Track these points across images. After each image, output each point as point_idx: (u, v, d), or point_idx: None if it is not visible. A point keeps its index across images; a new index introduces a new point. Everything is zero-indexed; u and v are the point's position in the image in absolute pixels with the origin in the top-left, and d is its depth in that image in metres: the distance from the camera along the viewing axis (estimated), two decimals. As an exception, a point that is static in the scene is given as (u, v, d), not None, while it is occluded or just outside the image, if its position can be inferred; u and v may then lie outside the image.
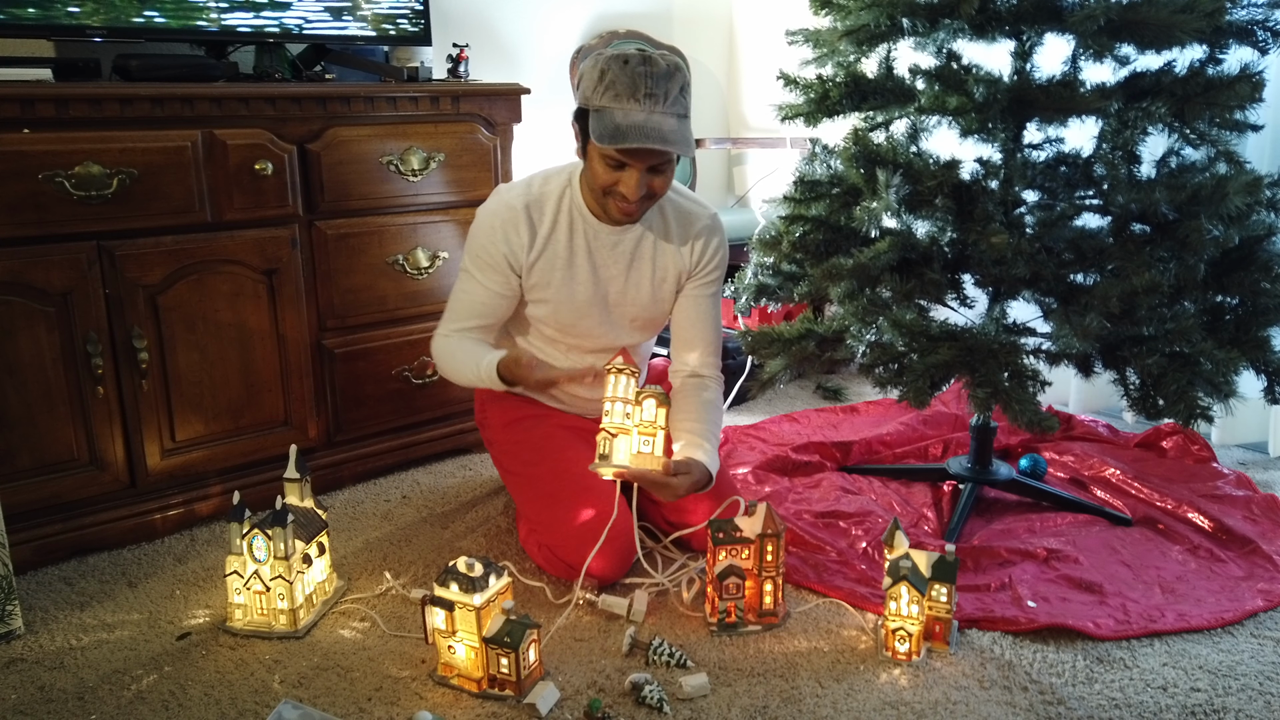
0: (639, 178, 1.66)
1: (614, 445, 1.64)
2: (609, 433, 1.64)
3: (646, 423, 1.66)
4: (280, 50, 2.26)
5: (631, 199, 1.68)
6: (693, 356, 1.92)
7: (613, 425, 1.65)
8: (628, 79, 1.60)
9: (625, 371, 1.66)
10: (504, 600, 1.52)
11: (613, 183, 1.69)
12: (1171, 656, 1.60)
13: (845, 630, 1.69)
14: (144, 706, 1.50)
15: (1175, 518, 2.07)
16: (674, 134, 1.62)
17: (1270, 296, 1.81)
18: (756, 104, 3.68)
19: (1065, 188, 1.90)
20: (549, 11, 3.21)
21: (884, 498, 2.19)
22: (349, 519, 2.16)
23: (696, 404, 1.86)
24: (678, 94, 1.64)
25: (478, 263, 1.83)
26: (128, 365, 1.95)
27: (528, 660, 1.50)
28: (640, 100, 1.60)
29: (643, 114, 1.60)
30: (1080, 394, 2.83)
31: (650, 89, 1.60)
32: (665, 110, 1.62)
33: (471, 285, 1.85)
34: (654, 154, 1.65)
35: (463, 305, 1.87)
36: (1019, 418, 1.72)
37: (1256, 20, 1.79)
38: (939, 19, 1.83)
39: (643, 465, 1.65)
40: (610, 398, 1.66)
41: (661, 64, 1.62)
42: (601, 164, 1.68)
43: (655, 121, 1.60)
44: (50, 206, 1.81)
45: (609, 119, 1.61)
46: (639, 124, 1.60)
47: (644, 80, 1.60)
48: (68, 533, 1.95)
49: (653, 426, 1.66)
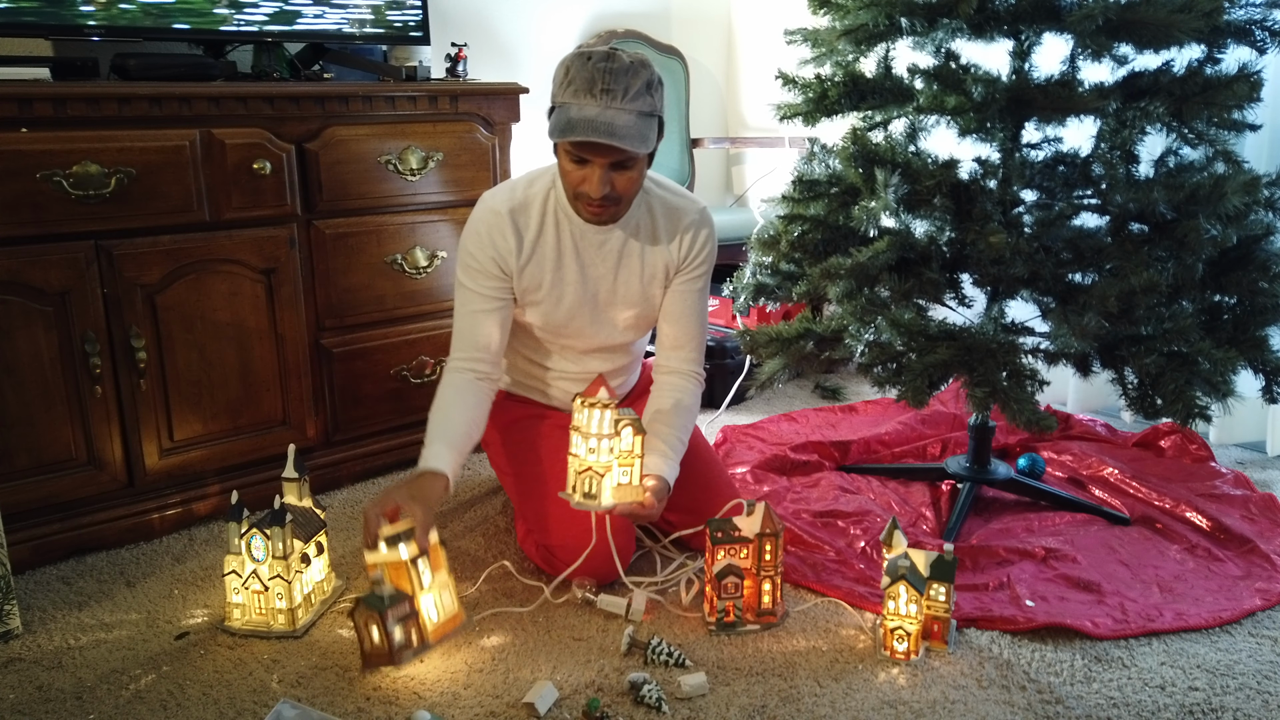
0: (600, 175, 1.65)
1: (601, 485, 1.61)
2: (596, 472, 1.61)
3: (624, 452, 1.64)
4: (278, 49, 2.26)
5: (595, 196, 1.66)
6: (675, 353, 1.91)
7: (599, 465, 1.61)
8: (586, 75, 1.59)
9: (599, 404, 1.61)
10: (373, 572, 1.52)
11: (579, 181, 1.68)
12: (1169, 655, 1.61)
13: (844, 629, 1.69)
14: (142, 706, 1.50)
15: (1173, 517, 2.07)
16: (625, 129, 1.59)
17: (1268, 296, 1.81)
18: (755, 103, 3.68)
19: (1063, 187, 1.90)
20: (547, 11, 3.21)
21: (882, 497, 2.19)
22: (347, 518, 2.16)
23: (668, 407, 1.86)
24: (641, 90, 1.61)
25: (469, 271, 1.81)
26: (125, 365, 1.95)
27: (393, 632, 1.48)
28: (596, 95, 1.59)
29: (596, 109, 1.59)
30: (1078, 393, 2.83)
31: (607, 84, 1.59)
32: (622, 106, 1.59)
33: (468, 298, 1.83)
34: (609, 150, 1.62)
35: (466, 325, 1.83)
36: (1017, 417, 1.72)
37: (1254, 20, 1.80)
38: (937, 18, 1.83)
39: (626, 499, 1.64)
40: (588, 433, 1.62)
41: (624, 60, 1.61)
42: (566, 160, 1.68)
43: (608, 117, 1.58)
44: (48, 206, 1.81)
45: (563, 114, 1.61)
46: (590, 118, 1.58)
47: (601, 76, 1.59)
48: (66, 532, 1.95)
49: (631, 455, 1.65)
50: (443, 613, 1.58)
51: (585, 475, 1.62)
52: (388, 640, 1.47)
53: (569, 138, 1.60)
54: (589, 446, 1.62)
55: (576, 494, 1.64)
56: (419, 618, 1.52)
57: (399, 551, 1.53)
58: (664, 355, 1.92)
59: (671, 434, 1.81)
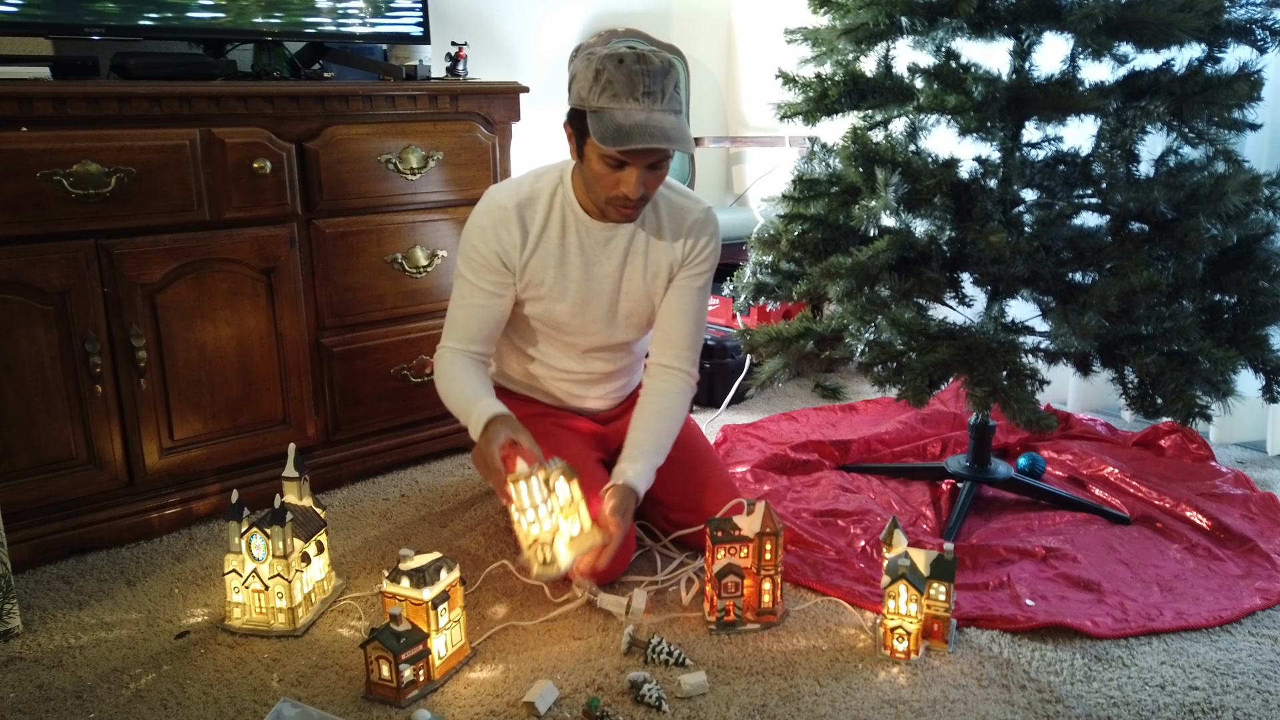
0: (639, 176, 1.66)
1: (555, 551, 1.60)
2: (544, 541, 1.60)
3: (565, 506, 1.64)
4: (278, 48, 2.26)
5: (633, 197, 1.68)
6: (668, 350, 1.91)
7: (545, 533, 1.61)
8: (625, 78, 1.60)
9: (523, 476, 1.61)
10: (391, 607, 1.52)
11: (613, 183, 1.68)
12: (1169, 655, 1.61)
13: (844, 629, 1.69)
14: (142, 705, 1.50)
15: (1173, 516, 2.07)
16: (675, 130, 1.63)
17: (1268, 295, 1.81)
18: (755, 103, 3.68)
19: (1064, 186, 1.90)
20: (547, 10, 3.21)
21: (882, 496, 2.19)
22: (347, 517, 2.16)
23: (651, 411, 1.86)
24: (673, 91, 1.65)
25: (470, 264, 1.82)
26: (126, 364, 1.95)
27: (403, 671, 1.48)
28: (639, 99, 1.60)
29: (643, 113, 1.60)
30: (1079, 393, 2.83)
31: (648, 87, 1.60)
32: (664, 108, 1.62)
33: (467, 290, 1.83)
34: (655, 152, 1.65)
35: (462, 315, 1.84)
36: (1017, 416, 1.72)
37: (1255, 19, 1.80)
38: (938, 18, 1.83)
39: (583, 547, 1.63)
40: (524, 507, 1.61)
41: (656, 61, 1.62)
42: (601, 164, 1.67)
43: (656, 119, 1.61)
44: (48, 205, 1.81)
45: (609, 120, 1.61)
46: (641, 123, 1.60)
47: (641, 78, 1.60)
48: (66, 531, 1.95)
49: (572, 505, 1.65)
50: (450, 647, 1.58)
51: (535, 547, 1.60)
52: (397, 678, 1.48)
53: (627, 145, 1.60)
54: (529, 519, 1.61)
55: (535, 567, 1.62)
56: (429, 657, 1.52)
57: (421, 593, 1.53)
58: (658, 351, 1.92)
59: (647, 439, 1.82)
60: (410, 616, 1.52)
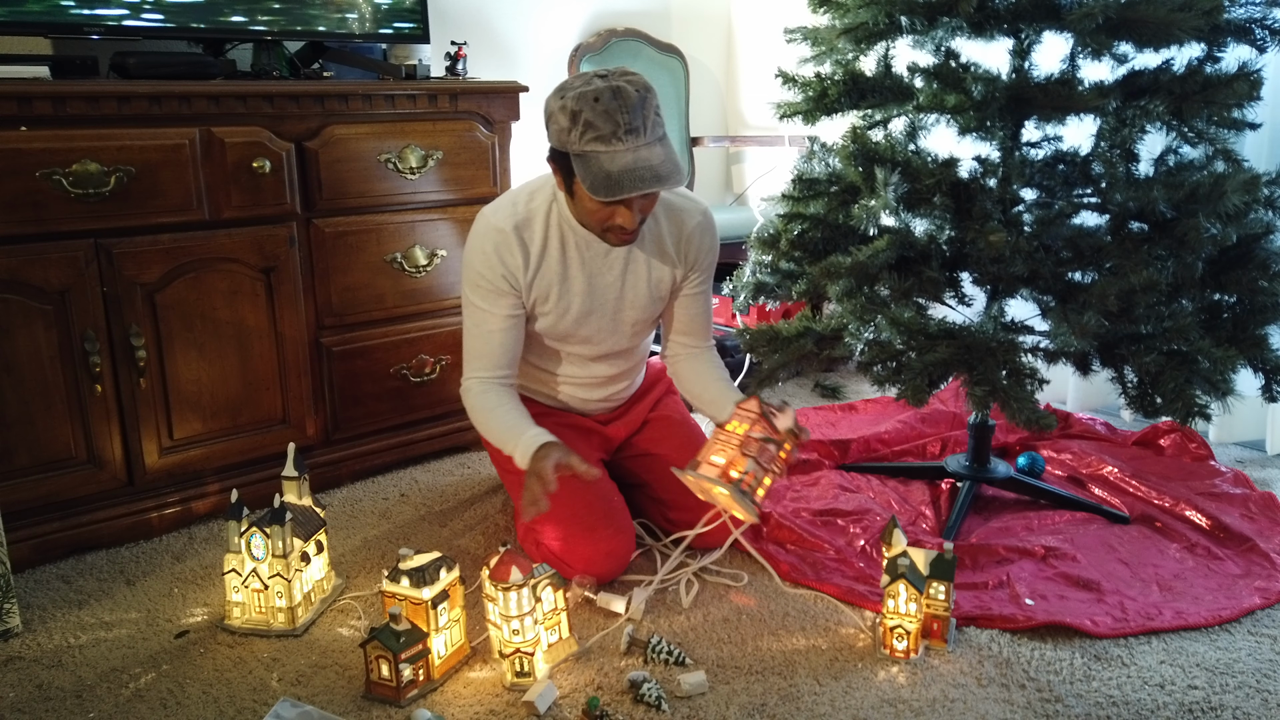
0: (634, 207, 1.63)
1: (533, 661, 1.53)
2: (525, 652, 1.53)
3: (548, 614, 1.58)
4: (278, 48, 2.26)
5: (630, 228, 1.66)
6: (688, 339, 1.95)
7: (528, 644, 1.53)
8: (604, 119, 1.54)
9: (514, 586, 1.51)
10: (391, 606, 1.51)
11: (608, 216, 1.65)
12: (1169, 654, 1.61)
13: (843, 628, 1.69)
14: (142, 705, 1.50)
15: (1173, 516, 2.07)
16: (665, 165, 1.57)
17: (1268, 295, 1.81)
18: (755, 102, 3.68)
19: (1063, 186, 1.90)
20: (547, 9, 3.20)
21: (882, 496, 2.19)
22: (347, 517, 2.16)
23: (705, 374, 1.92)
24: (655, 117, 1.59)
25: (480, 291, 1.79)
26: (125, 363, 1.95)
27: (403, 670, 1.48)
28: (623, 138, 1.55)
29: (629, 153, 1.55)
30: (1078, 392, 2.83)
31: (630, 123, 1.55)
32: (649, 140, 1.57)
33: (482, 317, 1.80)
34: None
35: (481, 344, 1.81)
36: (1017, 416, 1.72)
37: (1254, 19, 1.79)
38: (937, 17, 1.83)
39: (559, 657, 1.59)
40: (509, 616, 1.52)
41: (632, 92, 1.56)
42: (593, 202, 1.63)
43: (644, 157, 1.56)
44: (48, 204, 1.81)
45: (596, 167, 1.56)
46: (629, 167, 1.55)
47: (621, 114, 1.54)
48: (65, 531, 1.95)
49: (555, 614, 1.59)
50: (450, 647, 1.58)
51: (515, 657, 1.53)
52: (396, 678, 1.48)
53: (619, 195, 1.55)
54: (512, 629, 1.52)
55: (509, 676, 1.53)
56: (429, 656, 1.52)
57: (421, 592, 1.52)
58: (678, 344, 1.96)
59: (725, 385, 1.89)
60: (410, 616, 1.52)
